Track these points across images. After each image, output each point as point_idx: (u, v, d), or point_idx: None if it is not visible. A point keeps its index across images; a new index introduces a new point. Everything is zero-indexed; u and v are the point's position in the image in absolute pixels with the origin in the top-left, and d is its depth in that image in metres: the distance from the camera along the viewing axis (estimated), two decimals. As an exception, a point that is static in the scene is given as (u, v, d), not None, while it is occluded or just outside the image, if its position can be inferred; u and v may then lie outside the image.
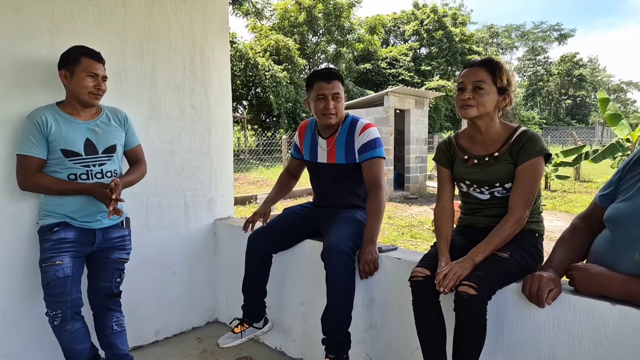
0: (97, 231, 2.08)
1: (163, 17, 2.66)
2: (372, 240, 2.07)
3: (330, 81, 2.17)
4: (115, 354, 2.13)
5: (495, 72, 1.68)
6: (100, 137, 2.07)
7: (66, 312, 1.97)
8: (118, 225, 2.17)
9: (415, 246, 5.89)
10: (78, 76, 1.98)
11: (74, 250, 2.01)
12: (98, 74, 2.02)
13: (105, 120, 2.12)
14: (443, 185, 1.89)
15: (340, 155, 2.25)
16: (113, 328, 2.14)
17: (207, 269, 3.02)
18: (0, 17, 2.05)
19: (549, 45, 51.90)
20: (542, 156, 1.66)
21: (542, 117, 41.68)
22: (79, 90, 1.99)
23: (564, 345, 1.50)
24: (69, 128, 2.00)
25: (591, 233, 1.64)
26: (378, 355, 2.13)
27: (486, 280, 1.51)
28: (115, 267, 2.15)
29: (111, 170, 2.10)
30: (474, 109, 1.68)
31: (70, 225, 2.02)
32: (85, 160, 2.01)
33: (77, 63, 1.98)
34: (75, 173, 2.00)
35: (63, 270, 1.95)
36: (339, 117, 2.24)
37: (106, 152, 2.08)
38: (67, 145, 1.98)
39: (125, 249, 2.19)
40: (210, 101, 2.94)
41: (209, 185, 2.98)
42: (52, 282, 1.94)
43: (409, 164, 11.32)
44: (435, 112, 25.80)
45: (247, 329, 2.35)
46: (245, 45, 21.03)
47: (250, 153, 18.73)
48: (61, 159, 1.97)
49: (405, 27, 36.35)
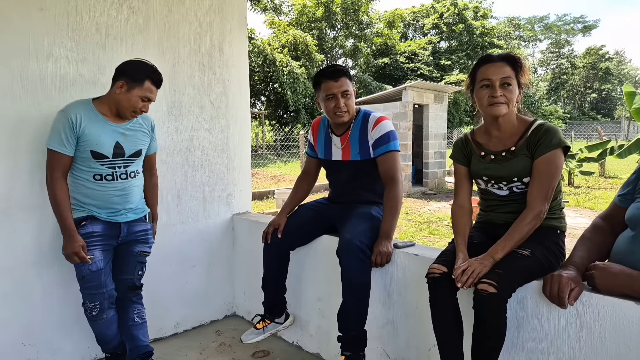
0: (122, 225, 2.13)
1: (182, 14, 2.69)
2: (388, 235, 2.07)
3: (337, 79, 2.12)
4: (136, 345, 2.19)
5: (518, 68, 1.66)
6: (129, 141, 2.10)
7: (104, 303, 2.07)
8: (141, 219, 2.22)
9: (434, 242, 5.85)
10: (133, 94, 1.98)
11: (102, 244, 2.07)
12: (151, 99, 2.05)
13: (135, 126, 2.14)
14: (460, 182, 1.88)
15: (354, 152, 2.23)
16: (134, 320, 2.20)
17: (225, 263, 3.05)
18: (26, 15, 2.10)
19: (573, 38, 50.63)
20: (561, 149, 1.62)
21: (566, 112, 40.69)
22: (125, 105, 2.00)
23: (586, 345, 1.46)
24: (101, 130, 2.01)
25: (613, 232, 1.60)
26: (395, 351, 2.13)
27: (506, 277, 1.48)
28: (137, 261, 2.21)
29: (134, 170, 2.15)
30: (505, 106, 1.65)
31: (97, 218, 2.06)
32: (111, 162, 2.05)
33: (140, 84, 1.98)
34: (100, 174, 2.03)
35: (96, 264, 2.03)
36: (351, 114, 2.20)
37: (132, 156, 2.12)
38: (97, 147, 2.00)
39: (148, 243, 2.25)
40: (228, 97, 2.97)
41: (227, 181, 3.01)
42: (87, 276, 2.02)
43: (428, 160, 11.21)
44: (454, 106, 25.46)
45: (269, 324, 2.38)
46: (263, 41, 21.08)
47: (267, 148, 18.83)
48: (89, 159, 2.00)
49: (425, 21, 35.89)
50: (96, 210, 2.07)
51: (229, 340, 2.70)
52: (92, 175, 2.03)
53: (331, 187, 2.44)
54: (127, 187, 2.11)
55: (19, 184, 2.14)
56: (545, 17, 50.47)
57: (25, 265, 2.19)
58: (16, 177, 2.14)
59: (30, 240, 2.19)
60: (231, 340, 2.71)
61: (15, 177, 2.13)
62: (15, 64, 2.09)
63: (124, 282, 2.19)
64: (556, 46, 49.68)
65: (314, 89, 2.26)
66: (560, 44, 49.59)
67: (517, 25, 46.59)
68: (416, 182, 11.39)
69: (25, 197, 2.16)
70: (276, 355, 2.54)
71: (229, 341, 2.69)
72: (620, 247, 1.52)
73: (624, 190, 1.60)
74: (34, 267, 2.21)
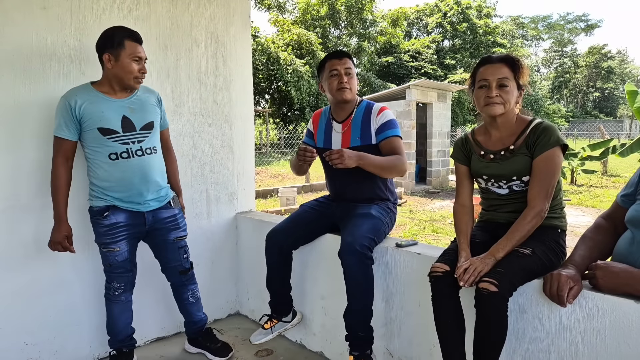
0: (145, 214, 2.15)
1: (186, 13, 2.70)
2: (359, 156, 1.98)
3: (341, 58, 2.19)
4: (191, 320, 2.45)
5: (517, 69, 1.67)
6: (137, 114, 2.07)
7: (127, 285, 2.20)
8: (165, 205, 2.23)
9: (437, 241, 5.84)
10: (123, 61, 1.97)
11: (127, 233, 2.12)
12: (142, 57, 2.03)
13: (140, 98, 2.12)
14: (461, 181, 1.88)
15: (355, 137, 2.21)
16: (189, 300, 2.40)
17: (228, 262, 3.06)
18: (28, 14, 2.12)
19: (576, 37, 50.40)
20: (559, 147, 1.63)
21: (569, 110, 40.55)
22: (124, 75, 1.99)
23: (587, 343, 1.47)
24: (104, 107, 2.00)
25: (615, 232, 1.60)
26: (397, 349, 2.13)
27: (507, 276, 1.49)
28: (177, 247, 2.29)
29: (150, 147, 2.11)
30: (501, 106, 1.67)
31: (119, 208, 2.08)
32: (123, 137, 2.02)
33: (121, 47, 1.96)
34: (115, 152, 2.01)
35: (122, 255, 2.13)
36: (354, 93, 2.23)
37: (144, 129, 2.09)
38: (103, 123, 1.98)
39: (180, 227, 2.28)
40: (232, 96, 2.97)
41: (230, 179, 3.02)
42: (114, 264, 2.13)
43: (431, 158, 11.20)
44: (458, 105, 25.41)
45: (277, 324, 2.38)
46: (268, 39, 21.10)
47: (271, 147, 18.86)
48: (99, 138, 1.99)
49: (428, 20, 35.79)
50: (117, 199, 2.07)
51: (232, 339, 2.71)
52: (108, 155, 2.01)
53: (329, 183, 2.39)
54: (145, 165, 2.08)
55: (20, 181, 2.15)
56: (548, 16, 50.30)
57: (26, 264, 2.20)
58: (17, 174, 2.14)
59: (30, 239, 2.20)
60: (234, 339, 2.72)
61: (16, 174, 2.14)
62: (18, 63, 2.10)
63: (174, 269, 2.31)
64: (559, 45, 49.47)
65: (318, 75, 2.30)
66: (563, 43, 49.38)
67: (520, 24, 46.39)
68: (420, 180, 11.38)
69: (24, 195, 2.17)
70: (279, 354, 2.55)
71: (232, 340, 2.70)
72: (620, 249, 1.52)
73: (626, 190, 1.60)
74: (35, 267, 2.23)
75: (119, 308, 2.22)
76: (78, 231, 2.32)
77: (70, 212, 2.13)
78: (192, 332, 2.51)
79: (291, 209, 7.38)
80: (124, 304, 2.22)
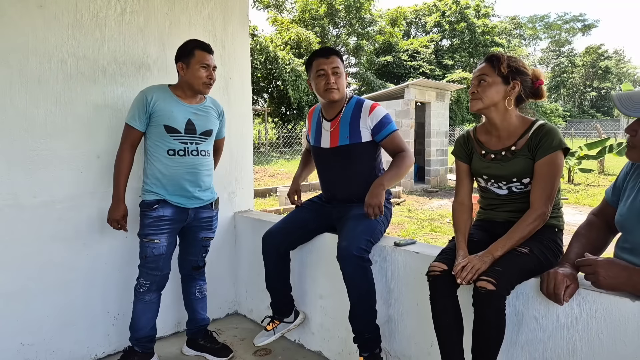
0: (190, 210, 2.29)
1: (184, 12, 2.69)
2: (381, 184, 2.03)
3: (328, 56, 2.14)
4: (194, 317, 2.50)
5: (494, 63, 1.68)
6: (200, 120, 2.27)
7: (153, 285, 2.25)
8: (208, 205, 2.38)
9: (435, 240, 5.85)
10: (193, 67, 2.18)
11: (170, 228, 2.24)
12: (210, 65, 2.21)
13: (207, 108, 2.33)
14: (461, 179, 1.88)
15: (344, 136, 2.18)
16: (195, 295, 2.48)
17: (227, 262, 3.06)
18: (25, 12, 2.11)
19: (573, 37, 50.47)
20: (561, 150, 1.63)
21: (566, 110, 40.63)
22: (193, 81, 2.20)
23: (583, 341, 1.47)
24: (174, 107, 2.20)
25: (607, 227, 1.62)
26: (396, 348, 2.13)
27: (505, 275, 1.49)
28: (202, 245, 2.43)
29: (205, 150, 2.31)
30: (479, 101, 1.70)
31: (168, 203, 2.22)
32: (183, 137, 2.21)
33: (192, 56, 2.18)
34: (174, 149, 2.20)
35: (159, 249, 2.21)
36: (342, 93, 2.18)
37: (203, 135, 2.29)
38: (170, 122, 2.18)
39: (212, 229, 2.44)
40: (230, 95, 2.97)
41: (229, 179, 3.01)
42: (149, 257, 2.20)
43: (430, 157, 11.20)
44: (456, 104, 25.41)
45: (279, 325, 2.38)
46: (266, 38, 21.08)
47: (270, 146, 18.84)
48: (162, 134, 2.18)
49: (427, 19, 35.79)
50: (168, 193, 2.21)
51: (231, 339, 2.71)
52: (167, 151, 2.19)
53: (322, 182, 2.37)
54: (197, 164, 2.26)
55: (12, 182, 2.14)
56: (545, 16, 50.30)
57: (23, 264, 2.19)
58: (10, 175, 2.13)
59: (29, 240, 2.20)
60: (233, 338, 2.71)
61: (8, 175, 2.12)
62: (15, 61, 2.10)
63: (189, 262, 2.44)
64: (556, 45, 49.50)
65: (307, 71, 2.27)
66: (561, 42, 49.42)
67: (518, 24, 46.41)
68: (418, 179, 11.39)
69: (14, 198, 2.15)
70: (278, 353, 2.54)
71: (231, 339, 2.70)
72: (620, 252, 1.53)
73: (612, 189, 1.63)
74: (33, 267, 2.22)
75: (142, 307, 2.27)
76: (76, 233, 2.33)
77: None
78: (193, 331, 2.51)
79: (290, 208, 7.37)
80: (147, 304, 2.27)
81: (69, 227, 2.31)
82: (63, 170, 2.27)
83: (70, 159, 2.29)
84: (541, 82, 1.72)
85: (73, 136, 2.29)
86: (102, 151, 2.37)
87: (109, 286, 2.47)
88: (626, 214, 1.48)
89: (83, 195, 2.34)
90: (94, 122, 2.35)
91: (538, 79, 1.72)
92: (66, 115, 2.26)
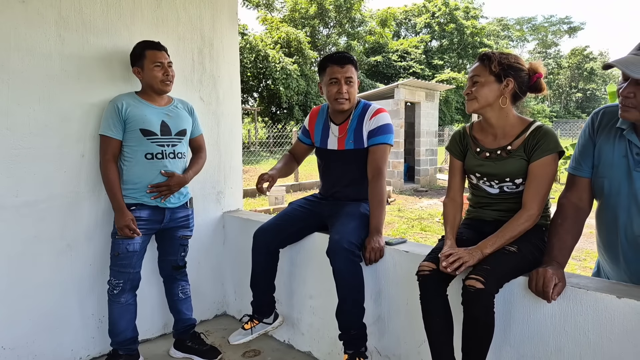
0: (166, 210, 2.31)
1: (172, 9, 2.65)
2: (379, 230, 2.07)
3: (343, 65, 2.13)
4: (180, 318, 2.48)
5: (485, 62, 1.67)
6: (173, 120, 2.31)
7: (126, 284, 2.22)
8: (184, 205, 2.40)
9: (425, 239, 5.87)
10: (147, 68, 2.21)
11: (145, 228, 2.24)
12: (163, 62, 2.24)
13: (176, 108, 2.37)
14: (454, 176, 1.88)
15: (349, 141, 2.21)
16: (179, 295, 2.47)
17: (215, 262, 3.03)
18: (6, 7, 2.06)
19: (560, 39, 51.15)
20: (557, 153, 1.64)
21: (553, 110, 41.18)
22: (152, 81, 2.23)
23: (571, 339, 1.49)
24: (146, 111, 2.23)
25: (579, 210, 1.64)
26: (385, 347, 2.12)
27: (493, 273, 1.49)
28: (180, 244, 2.43)
29: (181, 151, 2.34)
30: (474, 102, 1.69)
31: (145, 205, 2.24)
32: (160, 140, 2.24)
33: (144, 57, 2.21)
34: (151, 152, 2.22)
35: (133, 245, 2.20)
36: (352, 103, 2.20)
37: (178, 135, 2.32)
38: (145, 125, 2.20)
39: (189, 227, 2.45)
40: (219, 93, 2.94)
41: (217, 178, 2.98)
42: (122, 254, 2.19)
43: (419, 157, 11.26)
44: (445, 104, 25.58)
45: (257, 325, 2.35)
46: (256, 37, 20.99)
47: (260, 145, 18.77)
48: (140, 138, 2.20)
49: (417, 20, 35.97)
50: (145, 196, 2.22)
51: (219, 340, 2.68)
52: (144, 154, 2.20)
53: (323, 180, 2.41)
54: (174, 168, 2.28)
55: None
56: (533, 18, 50.80)
57: (4, 265, 2.14)
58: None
59: (10, 241, 2.15)
60: (221, 340, 2.68)
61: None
62: (-3, 59, 2.04)
63: (169, 262, 2.43)
64: (543, 47, 50.10)
65: (319, 74, 2.26)
66: (547, 44, 50.01)
67: (505, 26, 46.90)
68: (408, 179, 11.43)
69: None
70: (267, 354, 2.52)
71: (219, 341, 2.67)
72: (602, 217, 1.57)
73: (580, 155, 1.66)
74: (14, 268, 2.17)
75: (118, 310, 2.23)
76: (60, 233, 2.29)
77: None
78: (179, 332, 2.48)
79: (280, 208, 7.34)
80: (123, 306, 2.23)
81: (53, 227, 2.26)
82: (46, 169, 2.22)
83: (54, 157, 2.24)
84: (539, 75, 1.69)
85: (56, 135, 2.24)
86: (86, 150, 2.33)
87: (94, 288, 2.42)
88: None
89: (67, 195, 2.29)
90: (78, 121, 2.30)
91: (536, 72, 1.69)
92: (50, 113, 2.21)
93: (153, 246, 2.49)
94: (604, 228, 1.65)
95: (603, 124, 1.60)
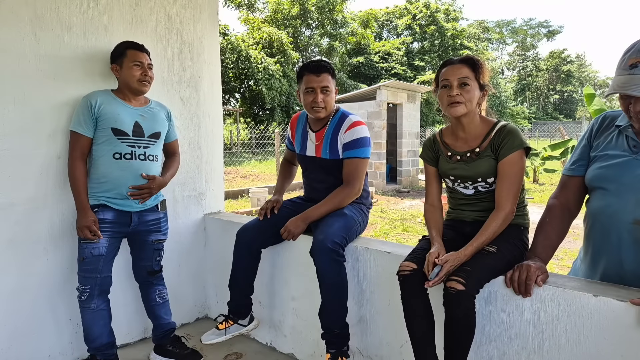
0: (132, 214, 2.24)
1: (150, 8, 2.62)
2: (306, 216, 2.16)
3: (319, 74, 2.14)
4: (158, 322, 2.43)
5: (477, 69, 1.69)
6: (148, 122, 2.26)
7: (94, 289, 2.15)
8: (153, 208, 2.33)
9: (407, 240, 5.91)
10: (126, 67, 2.18)
11: (111, 231, 2.18)
12: (143, 63, 2.21)
13: (153, 110, 2.32)
14: (430, 182, 1.91)
15: (325, 151, 2.23)
16: (156, 300, 2.41)
17: (196, 265, 2.99)
18: (-20, 6, 2.00)
19: (538, 42, 52.27)
20: (523, 150, 1.67)
21: (531, 112, 42.05)
22: (129, 80, 2.19)
23: (548, 337, 1.52)
24: (120, 110, 2.18)
25: (567, 209, 1.67)
26: (368, 348, 2.13)
27: (474, 275, 1.51)
28: (154, 248, 2.36)
29: (153, 154, 2.28)
30: (463, 106, 1.68)
31: (109, 207, 2.17)
32: (131, 141, 2.18)
33: (124, 56, 2.19)
34: (120, 152, 2.15)
35: (99, 249, 2.13)
36: (329, 111, 2.21)
37: (151, 137, 2.26)
38: (117, 124, 2.15)
39: (161, 231, 2.38)
40: (199, 94, 2.91)
41: (198, 180, 2.95)
42: (87, 259, 2.12)
43: (401, 158, 11.35)
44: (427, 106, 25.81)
45: (232, 325, 2.32)
46: (238, 37, 20.85)
47: (242, 146, 18.64)
48: (110, 137, 2.14)
49: (398, 22, 36.25)
50: (110, 197, 2.17)
51: (201, 344, 2.64)
52: (112, 154, 2.14)
53: (305, 184, 2.44)
54: (144, 170, 2.21)
55: None
56: (512, 21, 51.86)
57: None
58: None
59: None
60: (202, 344, 2.65)
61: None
62: (-31, 58, 1.98)
63: (144, 268, 2.37)
64: (522, 49, 51.12)
65: (297, 81, 2.26)
66: (526, 47, 51.05)
67: (485, 28, 47.67)
68: (390, 180, 11.52)
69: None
70: (249, 357, 2.50)
71: (200, 345, 2.63)
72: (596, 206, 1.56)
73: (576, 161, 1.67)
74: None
75: (90, 316, 2.17)
76: (37, 236, 2.23)
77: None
78: (159, 337, 2.44)
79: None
80: (95, 312, 2.17)
81: (28, 230, 2.20)
82: (21, 171, 2.16)
83: (29, 159, 2.19)
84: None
85: (32, 136, 2.18)
86: (62, 151, 2.27)
87: (71, 292, 2.36)
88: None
89: (43, 197, 2.24)
90: (54, 122, 2.24)
91: None
92: (24, 114, 2.15)
93: (128, 250, 2.45)
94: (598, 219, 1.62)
95: (604, 127, 1.62)
